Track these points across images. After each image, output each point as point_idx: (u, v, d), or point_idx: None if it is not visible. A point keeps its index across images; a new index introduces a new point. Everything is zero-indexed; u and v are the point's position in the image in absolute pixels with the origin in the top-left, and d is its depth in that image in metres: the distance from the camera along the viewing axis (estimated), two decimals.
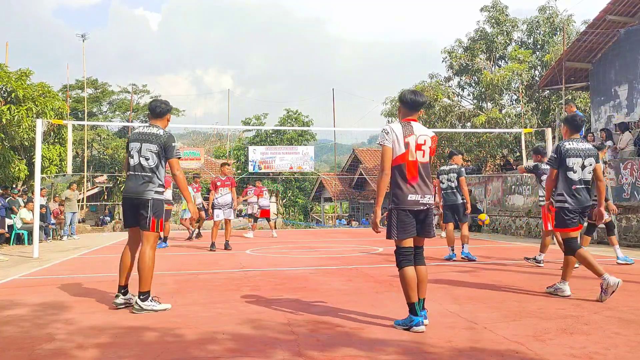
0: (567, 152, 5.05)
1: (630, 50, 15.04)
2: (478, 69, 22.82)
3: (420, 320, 3.74)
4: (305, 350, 3.31)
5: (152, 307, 4.53)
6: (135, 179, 4.69)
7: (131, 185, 4.71)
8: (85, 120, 27.37)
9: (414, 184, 3.87)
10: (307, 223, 28.72)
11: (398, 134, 3.87)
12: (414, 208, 3.88)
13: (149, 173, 4.68)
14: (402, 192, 3.87)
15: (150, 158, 4.69)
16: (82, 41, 28.35)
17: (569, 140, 5.14)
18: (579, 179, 5.05)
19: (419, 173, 3.89)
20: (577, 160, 5.04)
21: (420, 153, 3.90)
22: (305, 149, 28.68)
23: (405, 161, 3.86)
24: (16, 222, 13.12)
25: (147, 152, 4.69)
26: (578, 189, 5.04)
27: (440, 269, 7.26)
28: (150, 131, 4.77)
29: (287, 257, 9.32)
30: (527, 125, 19.40)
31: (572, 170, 5.04)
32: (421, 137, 3.92)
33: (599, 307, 4.54)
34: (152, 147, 4.69)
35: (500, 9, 23.28)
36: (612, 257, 8.39)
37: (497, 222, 16.58)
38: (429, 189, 3.95)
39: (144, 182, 4.66)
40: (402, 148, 3.86)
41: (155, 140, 4.70)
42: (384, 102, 26.15)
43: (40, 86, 15.58)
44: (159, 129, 4.80)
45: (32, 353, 3.31)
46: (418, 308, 3.78)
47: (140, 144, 4.71)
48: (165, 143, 4.71)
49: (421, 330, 3.71)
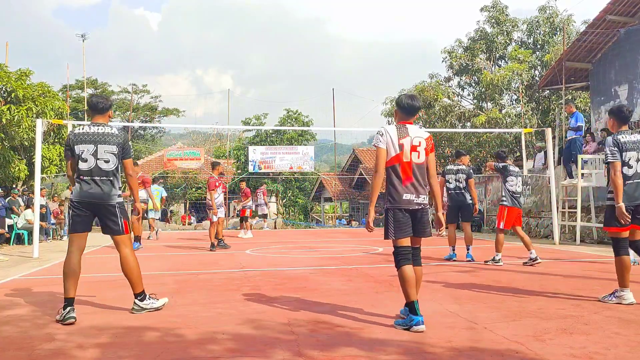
0: (624, 146, 4.67)
1: (630, 50, 15.04)
2: (478, 69, 22.81)
3: (420, 320, 3.75)
4: (306, 350, 3.31)
5: (152, 304, 4.50)
6: (95, 184, 4.34)
7: (91, 191, 4.34)
8: (85, 120, 27.36)
9: (409, 184, 3.96)
10: (307, 223, 28.72)
11: (392, 136, 3.97)
12: (409, 207, 3.96)
13: (110, 177, 4.39)
14: (397, 192, 3.96)
15: (110, 160, 4.38)
16: (82, 41, 28.30)
17: (621, 133, 4.75)
18: (634, 174, 4.68)
19: (413, 174, 3.97)
20: (632, 154, 4.67)
21: (415, 154, 4.00)
22: (305, 149, 28.65)
23: (399, 162, 3.96)
24: (18, 222, 13.12)
25: (106, 155, 4.36)
26: (631, 184, 4.67)
27: (440, 269, 7.26)
28: (103, 131, 4.41)
29: (287, 257, 9.32)
30: (527, 125, 19.39)
31: (628, 165, 4.67)
32: (416, 138, 4.01)
33: (599, 307, 4.54)
34: (112, 148, 4.38)
35: (500, 8, 23.25)
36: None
37: None
38: (424, 189, 4.03)
39: (107, 187, 4.37)
40: (396, 149, 3.96)
41: (114, 141, 4.39)
42: (384, 102, 26.12)
43: (40, 86, 15.58)
44: (111, 127, 4.49)
45: (32, 353, 3.31)
46: (418, 307, 3.79)
47: (94, 145, 4.34)
48: (124, 143, 4.46)
49: (421, 330, 3.71)
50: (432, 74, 24.15)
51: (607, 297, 4.77)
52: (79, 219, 4.40)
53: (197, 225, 22.55)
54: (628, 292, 4.66)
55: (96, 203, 4.38)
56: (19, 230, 13.10)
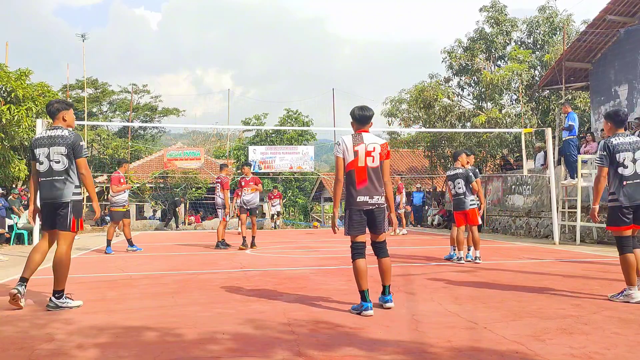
0: (615, 148, 4.84)
1: (630, 50, 15.04)
2: (478, 69, 22.81)
3: (369, 306, 4.31)
4: (306, 350, 3.31)
5: (67, 304, 4.68)
6: (50, 184, 4.67)
7: (46, 191, 4.70)
8: (85, 120, 27.35)
9: (363, 187, 4.44)
10: (307, 223, 28.72)
11: (348, 145, 4.45)
12: (363, 208, 4.45)
13: (62, 176, 4.67)
14: (353, 194, 4.46)
15: (60, 161, 4.66)
16: (82, 41, 28.33)
17: (615, 136, 4.92)
18: (632, 174, 4.82)
19: (368, 177, 4.44)
20: (628, 154, 4.82)
21: (370, 159, 4.45)
22: (305, 149, 28.66)
23: (354, 167, 4.43)
24: (18, 223, 13.11)
25: (56, 156, 4.65)
26: (630, 184, 4.81)
27: (440, 269, 7.26)
28: (55, 134, 4.71)
29: (287, 257, 9.32)
30: (527, 125, 19.39)
31: (623, 166, 4.83)
32: (370, 144, 4.47)
33: (599, 307, 4.54)
34: (61, 149, 4.65)
35: (499, 8, 23.26)
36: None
37: (497, 222, 16.58)
38: (378, 190, 4.48)
39: (59, 186, 4.66)
40: (351, 156, 4.43)
41: (62, 142, 4.66)
42: (384, 102, 26.14)
43: (40, 86, 15.57)
44: (63, 129, 4.75)
45: (32, 353, 3.32)
46: (367, 295, 4.34)
47: (47, 148, 4.67)
48: (73, 143, 4.68)
49: (369, 314, 4.25)
50: (431, 74, 24.18)
51: (616, 296, 4.82)
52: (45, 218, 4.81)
53: (197, 225, 22.55)
54: (636, 290, 4.70)
55: (51, 202, 4.70)
56: (19, 231, 13.10)
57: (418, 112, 23.61)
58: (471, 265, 7.68)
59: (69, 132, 4.72)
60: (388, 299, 4.56)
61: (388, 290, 4.58)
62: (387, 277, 4.57)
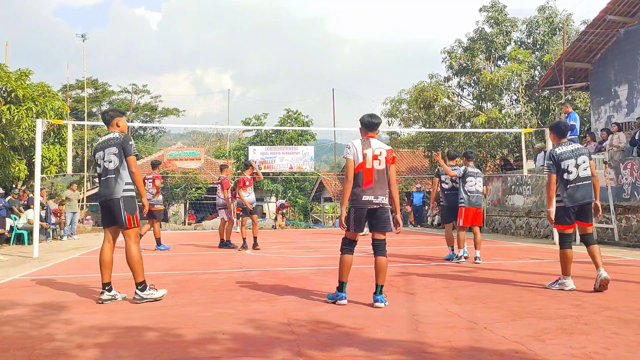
0: (560, 157, 5.44)
1: (630, 50, 15.05)
2: (477, 69, 22.81)
3: (344, 296, 4.76)
4: (306, 350, 3.31)
5: (151, 294, 4.93)
6: (104, 183, 5.02)
7: (102, 190, 5.05)
8: (85, 120, 27.34)
9: (369, 187, 4.72)
10: (307, 223, 28.72)
11: (358, 148, 4.77)
12: (367, 206, 4.71)
13: (113, 174, 4.98)
14: (358, 193, 4.73)
15: (112, 160, 5.00)
16: (82, 41, 28.32)
17: (559, 146, 5.55)
18: (575, 178, 5.41)
19: (374, 178, 4.74)
20: (571, 161, 5.43)
21: (376, 162, 4.77)
22: (305, 149, 28.67)
23: (362, 169, 4.73)
24: (18, 223, 13.11)
25: (108, 156, 5.01)
26: (573, 187, 5.40)
27: (440, 269, 7.26)
28: (108, 137, 5.12)
29: (287, 257, 9.32)
30: (527, 125, 19.39)
31: (567, 172, 5.42)
32: (377, 149, 4.80)
33: (599, 307, 4.54)
34: (113, 149, 5.01)
35: (499, 8, 23.26)
36: (615, 257, 8.40)
37: (497, 222, 16.58)
38: (383, 191, 4.78)
39: (111, 184, 4.97)
40: (360, 158, 4.74)
41: (114, 143, 5.03)
42: (384, 102, 26.13)
43: (40, 86, 15.58)
44: (115, 133, 5.15)
45: (32, 353, 3.31)
46: (345, 288, 4.77)
47: (102, 151, 5.05)
48: (122, 142, 5.03)
49: (343, 303, 4.69)
50: (431, 74, 24.18)
51: (552, 284, 5.51)
52: (103, 216, 5.12)
53: (197, 225, 22.55)
54: (569, 279, 5.40)
55: (105, 200, 5.01)
56: (19, 231, 13.10)
57: (418, 112, 23.60)
58: (471, 265, 7.69)
59: (119, 134, 5.11)
60: (378, 299, 4.64)
61: (380, 290, 4.68)
62: (382, 277, 4.70)
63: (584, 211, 5.44)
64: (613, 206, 11.16)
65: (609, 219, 11.31)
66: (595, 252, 5.41)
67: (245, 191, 10.32)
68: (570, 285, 5.36)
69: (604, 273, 5.27)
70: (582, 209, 5.43)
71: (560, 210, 5.48)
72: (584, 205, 5.42)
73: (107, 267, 4.98)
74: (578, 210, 5.42)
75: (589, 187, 5.43)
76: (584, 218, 5.48)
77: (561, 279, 5.43)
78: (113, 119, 5.22)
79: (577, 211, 5.42)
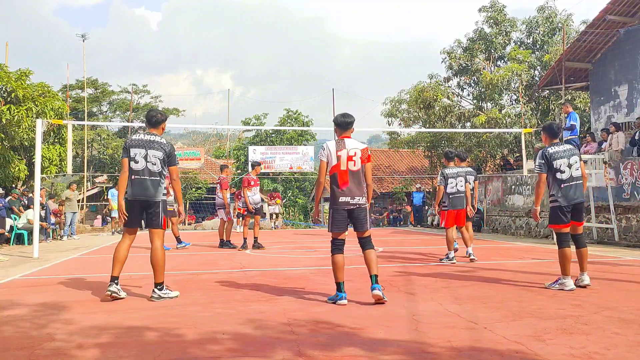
0: (552, 156, 5.53)
1: (630, 50, 15.04)
2: (477, 69, 22.81)
3: (343, 296, 4.73)
4: (306, 350, 3.31)
5: (168, 294, 5.13)
6: (144, 183, 5.09)
7: (139, 189, 5.09)
8: (85, 120, 27.33)
9: (345, 188, 4.77)
10: (307, 223, 28.71)
11: (331, 150, 4.81)
12: (344, 207, 4.79)
13: (157, 177, 5.13)
14: (335, 195, 4.80)
15: (156, 164, 5.12)
16: (82, 41, 28.32)
17: (551, 145, 5.64)
18: (568, 177, 5.51)
19: (349, 179, 4.78)
20: (563, 160, 5.53)
21: (351, 163, 4.79)
22: (305, 149, 28.68)
23: (337, 171, 4.77)
24: (18, 223, 13.11)
25: (153, 158, 5.11)
26: (567, 186, 5.49)
27: (440, 269, 7.26)
28: (153, 139, 5.18)
29: (287, 257, 9.32)
30: (527, 125, 19.39)
31: (560, 171, 5.51)
32: (352, 150, 4.81)
33: (599, 307, 4.54)
34: (158, 154, 5.13)
35: (498, 9, 23.25)
36: (615, 257, 8.40)
37: (497, 222, 16.58)
38: (360, 191, 4.82)
39: (154, 186, 5.11)
40: (334, 160, 4.78)
41: (160, 148, 5.16)
42: (383, 102, 26.11)
43: (40, 86, 15.57)
44: (160, 137, 5.27)
45: (32, 353, 3.32)
46: (343, 287, 4.76)
47: (145, 150, 5.11)
48: (170, 152, 5.24)
49: (343, 304, 4.66)
50: (431, 74, 24.16)
51: (552, 284, 5.51)
52: (133, 215, 5.16)
53: (197, 225, 22.54)
54: (569, 279, 5.40)
55: (143, 200, 5.10)
56: (19, 231, 13.09)
57: (418, 112, 23.60)
58: (471, 265, 7.69)
59: (166, 142, 5.25)
60: (375, 287, 4.69)
61: (375, 280, 4.73)
62: (373, 267, 4.77)
63: (576, 210, 5.53)
64: (613, 206, 11.15)
65: (609, 219, 11.31)
66: (584, 255, 5.53)
67: (250, 191, 10.31)
68: (570, 285, 5.37)
69: (587, 279, 5.43)
70: (575, 208, 5.52)
71: (555, 210, 5.54)
72: (577, 205, 5.52)
73: (121, 262, 5.13)
74: (572, 209, 5.50)
75: (580, 187, 5.55)
76: (576, 217, 5.56)
77: (561, 279, 5.46)
78: (163, 122, 5.35)
79: (572, 210, 5.50)
